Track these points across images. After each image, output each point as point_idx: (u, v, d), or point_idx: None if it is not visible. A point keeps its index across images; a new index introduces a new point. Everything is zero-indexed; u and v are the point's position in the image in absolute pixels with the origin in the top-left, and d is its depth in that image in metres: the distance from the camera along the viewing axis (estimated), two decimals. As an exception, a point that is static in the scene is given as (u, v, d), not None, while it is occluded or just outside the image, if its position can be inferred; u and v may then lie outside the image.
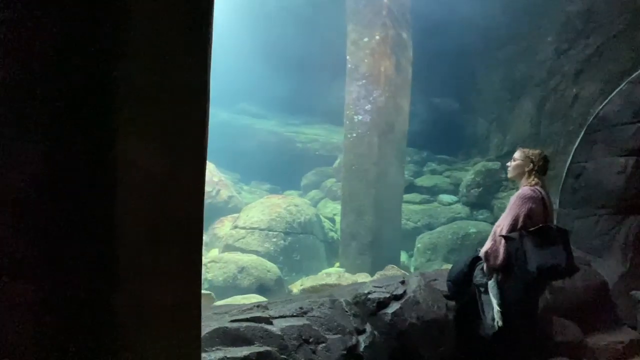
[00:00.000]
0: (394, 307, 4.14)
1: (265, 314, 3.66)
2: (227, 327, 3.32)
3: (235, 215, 8.89)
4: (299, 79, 11.10)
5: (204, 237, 8.11)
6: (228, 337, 3.27)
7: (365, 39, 8.00)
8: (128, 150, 1.46)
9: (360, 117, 8.06)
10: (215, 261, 7.19)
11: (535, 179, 3.76)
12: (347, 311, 4.05)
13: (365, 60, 7.97)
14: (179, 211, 1.63)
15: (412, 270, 8.36)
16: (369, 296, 4.17)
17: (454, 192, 9.77)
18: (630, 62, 6.81)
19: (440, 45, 9.31)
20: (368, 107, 8.01)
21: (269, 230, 7.95)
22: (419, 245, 8.56)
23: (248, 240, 7.84)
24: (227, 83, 12.21)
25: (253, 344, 3.30)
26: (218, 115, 12.48)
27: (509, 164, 3.96)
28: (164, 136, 1.57)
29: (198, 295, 1.73)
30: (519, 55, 9.09)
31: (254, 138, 11.91)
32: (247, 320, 3.49)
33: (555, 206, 6.90)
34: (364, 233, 7.76)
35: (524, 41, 8.98)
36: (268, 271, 7.20)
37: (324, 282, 6.10)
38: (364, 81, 8.02)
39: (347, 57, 8.11)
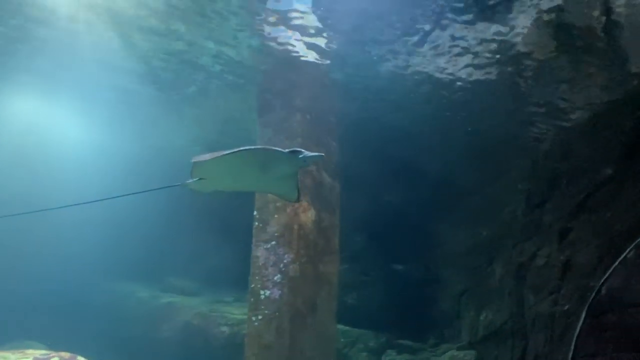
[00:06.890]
0: None
1: None
2: None
3: None
4: (232, 245, 9.20)
5: None
6: None
7: (274, 188, 6.11)
8: None
9: (267, 293, 5.82)
10: None
11: None
12: None
13: (275, 216, 6.00)
14: None
15: None
16: None
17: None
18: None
19: (385, 192, 7.36)
20: (277, 277, 5.81)
21: None
22: None
23: None
24: (154, 255, 10.35)
25: None
26: (136, 293, 10.25)
27: None
28: None
29: None
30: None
31: (174, 322, 9.47)
32: None
33: None
34: None
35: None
36: None
37: None
38: (273, 242, 5.95)
39: (254, 213, 6.15)
